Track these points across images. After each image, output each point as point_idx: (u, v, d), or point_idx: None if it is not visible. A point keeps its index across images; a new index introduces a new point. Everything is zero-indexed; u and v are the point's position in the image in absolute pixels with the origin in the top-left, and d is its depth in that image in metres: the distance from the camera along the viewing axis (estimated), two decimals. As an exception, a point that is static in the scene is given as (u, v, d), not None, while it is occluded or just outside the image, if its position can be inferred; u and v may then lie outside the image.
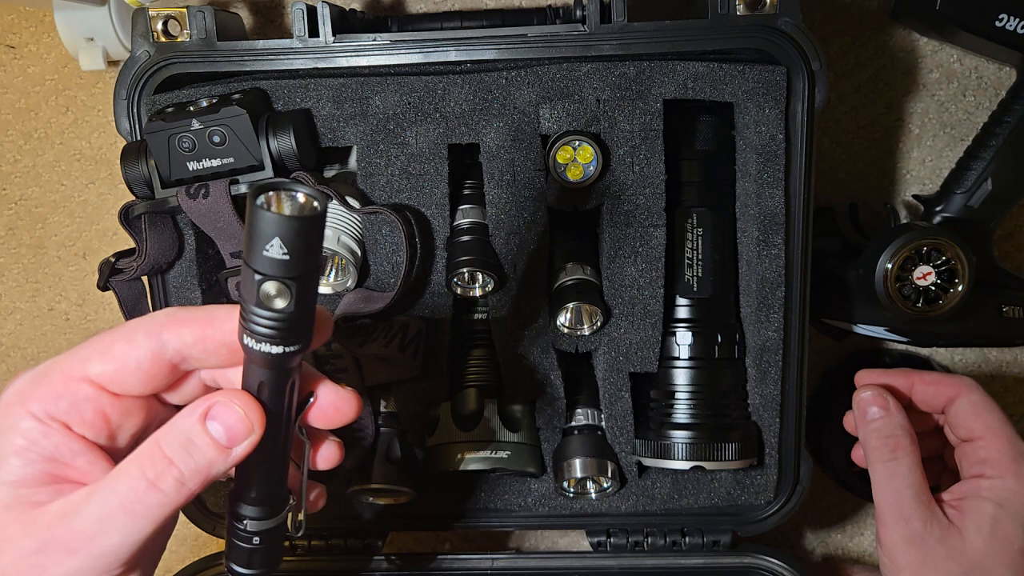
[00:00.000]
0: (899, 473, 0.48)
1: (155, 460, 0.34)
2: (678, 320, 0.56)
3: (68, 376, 0.35)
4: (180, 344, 0.35)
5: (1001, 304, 0.60)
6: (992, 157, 0.58)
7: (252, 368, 0.34)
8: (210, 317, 0.35)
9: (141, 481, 0.33)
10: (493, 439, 0.56)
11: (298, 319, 0.31)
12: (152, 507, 0.33)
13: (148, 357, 0.35)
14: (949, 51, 0.63)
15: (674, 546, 0.59)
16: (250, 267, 0.30)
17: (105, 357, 0.35)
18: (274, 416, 0.35)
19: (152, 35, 0.52)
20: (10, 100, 0.67)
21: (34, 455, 0.34)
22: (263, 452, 0.35)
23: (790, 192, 0.54)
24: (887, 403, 0.50)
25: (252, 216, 0.29)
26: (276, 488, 0.38)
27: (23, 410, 0.34)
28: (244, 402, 0.34)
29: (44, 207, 0.69)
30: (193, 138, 0.50)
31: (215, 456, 0.34)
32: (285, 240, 0.29)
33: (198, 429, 0.34)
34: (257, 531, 0.37)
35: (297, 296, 0.30)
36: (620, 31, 0.51)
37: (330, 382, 0.37)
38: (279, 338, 0.31)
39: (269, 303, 0.30)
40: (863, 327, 0.61)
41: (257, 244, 0.29)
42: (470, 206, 0.56)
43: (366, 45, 0.52)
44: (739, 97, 0.53)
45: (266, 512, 0.37)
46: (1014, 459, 0.47)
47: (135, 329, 0.35)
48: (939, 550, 0.46)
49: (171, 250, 0.54)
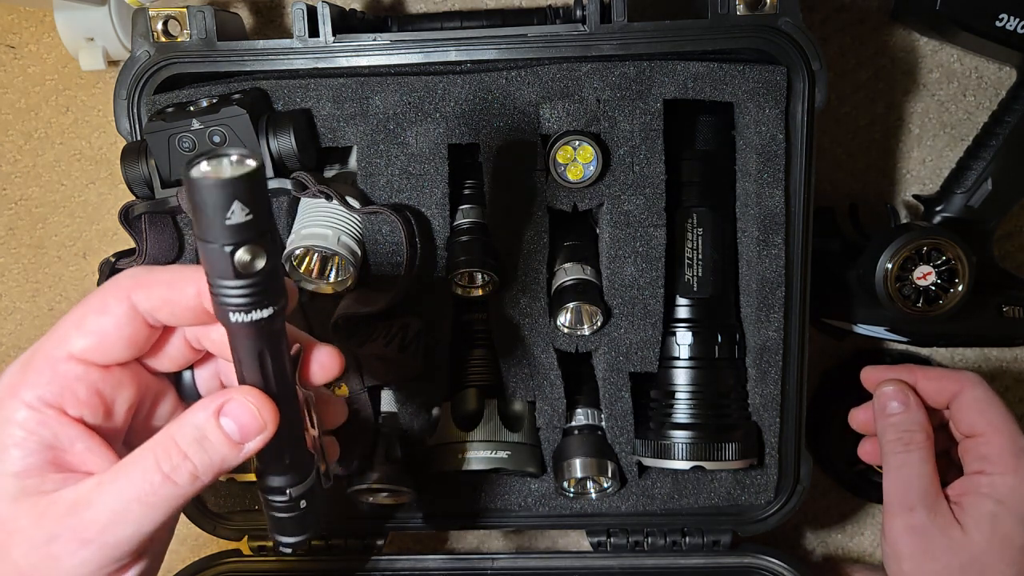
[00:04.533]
0: (910, 464, 0.48)
1: (170, 454, 0.34)
2: (678, 320, 0.56)
3: (53, 359, 0.35)
4: (149, 305, 0.35)
5: (1001, 304, 0.60)
6: (992, 157, 0.58)
7: (243, 343, 0.33)
8: (174, 280, 0.35)
9: (157, 474, 0.34)
10: (493, 439, 0.56)
11: (273, 271, 0.31)
12: (167, 499, 0.34)
13: (125, 320, 0.35)
14: (949, 51, 0.63)
15: (674, 546, 0.59)
16: (216, 244, 0.29)
17: (82, 331, 0.35)
18: (278, 384, 0.35)
19: (152, 35, 0.52)
20: (10, 100, 0.67)
21: (34, 444, 0.34)
22: (283, 424, 0.35)
23: (790, 192, 0.54)
24: (907, 399, 0.50)
25: (199, 192, 0.28)
26: (300, 450, 0.38)
27: (17, 401, 0.34)
28: (257, 399, 0.34)
29: (44, 207, 0.69)
30: (193, 138, 0.50)
31: (228, 452, 0.35)
32: (245, 201, 0.28)
33: (212, 425, 0.34)
34: (300, 495, 0.38)
35: (270, 250, 0.30)
36: (620, 31, 0.51)
37: (306, 337, 0.37)
38: (263, 300, 0.31)
39: (248, 269, 0.30)
40: (863, 327, 0.61)
41: (217, 216, 0.28)
42: (470, 206, 0.56)
43: (366, 45, 0.52)
44: (739, 97, 0.53)
45: (301, 474, 0.38)
46: (1015, 456, 0.47)
47: (103, 297, 0.35)
48: (940, 541, 0.46)
49: (171, 250, 0.54)
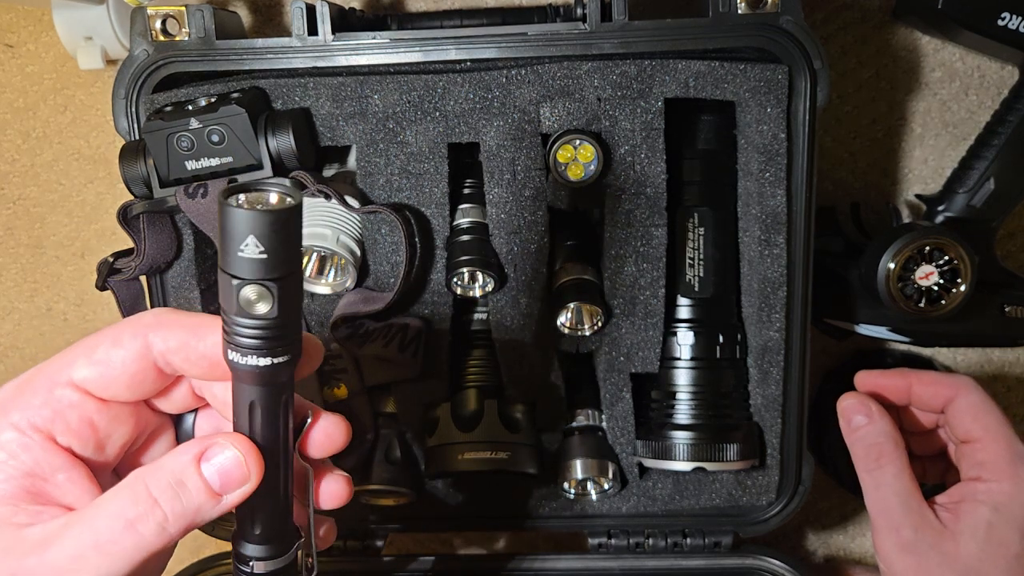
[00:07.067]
0: (885, 481, 0.48)
1: (138, 499, 0.32)
2: (679, 320, 0.56)
3: (52, 382, 0.33)
4: (165, 348, 0.33)
5: (1004, 304, 0.60)
6: (994, 156, 0.58)
7: (242, 388, 0.32)
8: (196, 324, 0.33)
9: (119, 520, 0.31)
10: (493, 439, 0.56)
11: (283, 325, 0.29)
12: (127, 549, 0.31)
13: (134, 359, 0.33)
14: (951, 50, 0.63)
15: (675, 547, 0.59)
16: (227, 273, 0.28)
17: (90, 360, 0.33)
18: (271, 440, 0.33)
19: (151, 34, 0.52)
20: (8, 99, 0.67)
21: (12, 470, 0.32)
22: (264, 483, 0.33)
23: (792, 191, 0.53)
24: (870, 410, 0.50)
25: (223, 217, 0.27)
26: (282, 523, 0.35)
27: (4, 422, 0.33)
28: (243, 446, 0.32)
29: (42, 207, 0.69)
30: (192, 137, 0.49)
31: (204, 501, 0.32)
32: (260, 237, 0.27)
33: (191, 470, 0.32)
34: (265, 572, 0.35)
35: (280, 299, 0.29)
36: (621, 29, 0.51)
37: (316, 407, 0.36)
38: (265, 348, 0.30)
39: (251, 309, 0.29)
40: (865, 327, 0.61)
41: (231, 246, 0.27)
42: (470, 205, 0.55)
43: (365, 44, 0.52)
44: (741, 96, 0.52)
45: (273, 551, 0.35)
46: (1011, 462, 0.46)
47: (121, 330, 0.34)
48: (932, 556, 0.46)
49: (169, 250, 0.54)
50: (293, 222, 0.28)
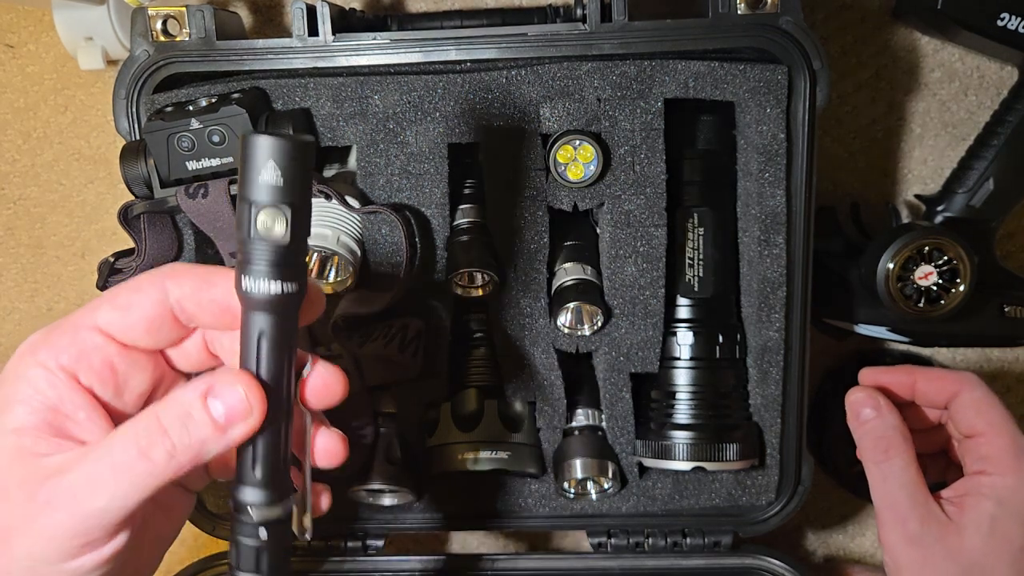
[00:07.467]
0: (892, 474, 0.48)
1: (150, 429, 0.34)
2: (679, 320, 0.56)
3: (78, 326, 0.36)
4: (180, 294, 0.36)
5: (1003, 304, 0.60)
6: (994, 156, 0.58)
7: (252, 320, 0.34)
8: (208, 273, 0.36)
9: (133, 448, 0.34)
10: (493, 439, 0.56)
11: (294, 252, 0.32)
12: (140, 475, 0.33)
13: (152, 304, 0.36)
14: (951, 50, 0.63)
15: (675, 547, 0.59)
16: (246, 199, 0.31)
17: (113, 304, 0.36)
18: (275, 378, 0.35)
19: (151, 34, 0.52)
20: (9, 99, 0.67)
21: (37, 403, 0.35)
22: (266, 421, 0.35)
23: (791, 191, 0.54)
24: (879, 403, 0.50)
25: (246, 147, 0.30)
26: (279, 468, 0.36)
27: (32, 359, 0.35)
28: (247, 383, 0.34)
29: (43, 207, 0.69)
30: (192, 138, 0.50)
31: (210, 434, 0.34)
32: (279, 163, 0.31)
33: (198, 404, 0.34)
34: (263, 520, 0.36)
35: (292, 225, 0.31)
36: (621, 30, 0.51)
37: (319, 357, 0.38)
38: (277, 274, 0.32)
39: (267, 233, 0.31)
40: (864, 327, 0.61)
41: (252, 173, 0.31)
42: (470, 206, 0.55)
43: (366, 44, 0.52)
44: (740, 96, 0.52)
45: (270, 496, 0.36)
46: (1015, 456, 0.46)
47: (141, 279, 0.36)
48: (937, 550, 0.46)
49: (170, 250, 0.54)
50: (308, 155, 0.32)
